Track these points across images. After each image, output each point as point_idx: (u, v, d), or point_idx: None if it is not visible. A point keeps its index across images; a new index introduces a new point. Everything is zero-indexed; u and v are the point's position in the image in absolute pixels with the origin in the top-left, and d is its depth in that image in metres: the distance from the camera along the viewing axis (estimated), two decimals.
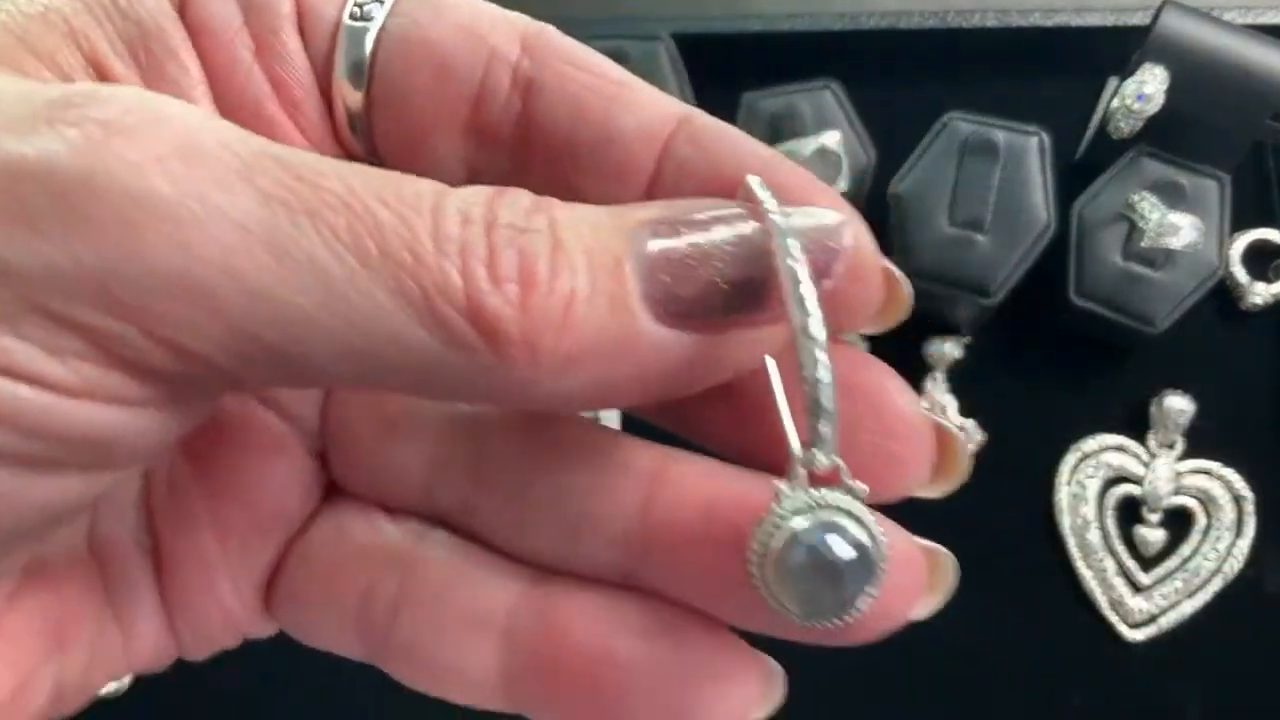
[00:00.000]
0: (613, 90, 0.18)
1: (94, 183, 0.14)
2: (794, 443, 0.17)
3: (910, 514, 0.53)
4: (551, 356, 0.15)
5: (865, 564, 0.16)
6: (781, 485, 0.17)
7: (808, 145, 0.45)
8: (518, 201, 0.16)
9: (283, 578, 0.21)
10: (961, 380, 0.51)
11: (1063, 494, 0.49)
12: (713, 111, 0.19)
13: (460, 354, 0.15)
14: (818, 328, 0.16)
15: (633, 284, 0.16)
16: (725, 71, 0.49)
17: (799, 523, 0.16)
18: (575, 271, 0.15)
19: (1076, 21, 0.51)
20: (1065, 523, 0.49)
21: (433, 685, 0.21)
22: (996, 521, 0.50)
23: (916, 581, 0.19)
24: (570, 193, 0.18)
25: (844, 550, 0.16)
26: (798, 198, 0.17)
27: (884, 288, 0.19)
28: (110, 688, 0.49)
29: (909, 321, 0.21)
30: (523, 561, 0.20)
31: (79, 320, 0.14)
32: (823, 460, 0.16)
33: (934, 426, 0.19)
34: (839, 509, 0.17)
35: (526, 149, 0.19)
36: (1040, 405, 0.50)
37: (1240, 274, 0.51)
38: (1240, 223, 0.50)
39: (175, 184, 0.14)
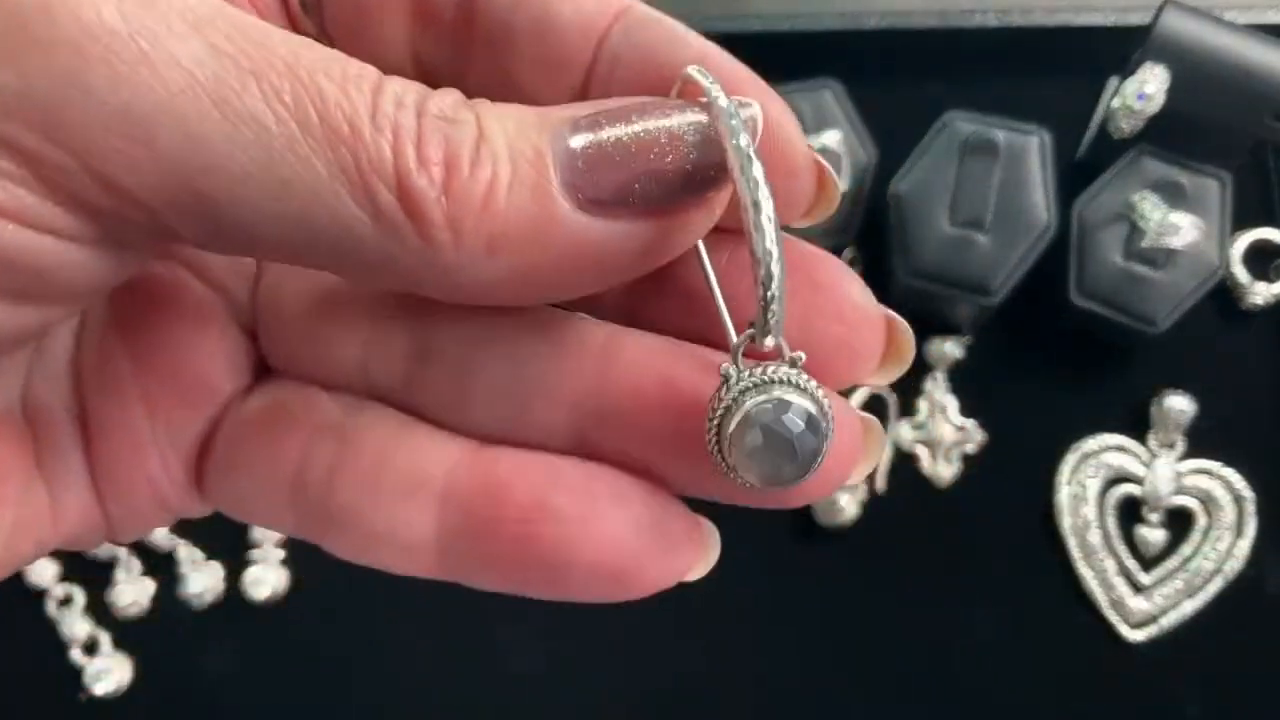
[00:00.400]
0: None
1: (51, 10, 0.15)
2: (729, 326, 0.18)
3: (909, 513, 0.53)
4: (473, 239, 0.16)
5: (815, 431, 0.17)
6: (728, 368, 0.17)
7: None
8: (448, 96, 0.17)
9: (213, 452, 0.21)
10: (962, 380, 0.51)
11: (1063, 494, 0.49)
12: None
13: (386, 231, 0.16)
14: (768, 205, 0.16)
15: (553, 172, 0.16)
16: None
17: (751, 404, 0.17)
18: (497, 160, 0.16)
19: (1077, 21, 0.51)
20: (1066, 523, 0.49)
21: (367, 554, 0.20)
22: (997, 521, 0.50)
23: (855, 445, 0.19)
24: (509, 82, 0.19)
25: (796, 424, 0.17)
26: (733, 89, 0.18)
27: (814, 178, 0.19)
28: (110, 687, 0.49)
29: (909, 321, 0.21)
30: (466, 434, 0.20)
31: (19, 143, 0.15)
32: (769, 342, 0.17)
33: (885, 316, 0.20)
34: (786, 383, 0.17)
35: (468, 35, 0.19)
36: (1041, 405, 0.50)
37: (1241, 274, 0.51)
38: (1241, 222, 0.50)
39: (129, 21, 0.15)
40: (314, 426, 0.20)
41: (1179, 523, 0.49)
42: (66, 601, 0.50)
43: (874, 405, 0.50)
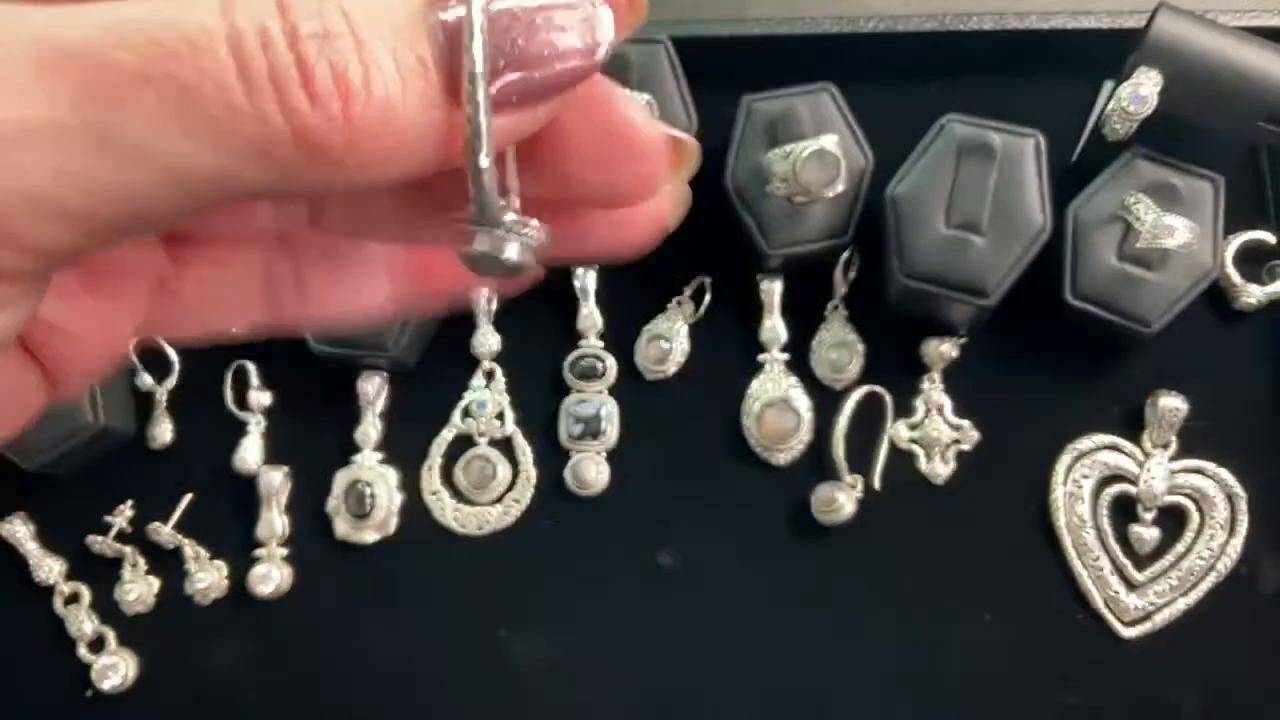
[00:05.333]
0: None
1: None
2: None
3: (906, 511, 0.53)
4: (375, 157, 0.16)
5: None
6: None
7: (806, 147, 0.46)
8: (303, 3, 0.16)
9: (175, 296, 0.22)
10: (958, 380, 0.51)
11: (1058, 493, 0.50)
12: (713, 114, 0.19)
13: (293, 174, 0.16)
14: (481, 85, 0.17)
15: (437, 78, 0.17)
16: (725, 74, 0.50)
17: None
18: (385, 76, 0.16)
19: (1072, 24, 0.52)
20: (1061, 521, 0.49)
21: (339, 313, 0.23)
22: (993, 520, 0.50)
23: (661, 166, 0.21)
24: None
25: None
26: None
27: (666, 159, 0.21)
28: (116, 683, 0.49)
29: (906, 322, 0.21)
30: None
31: None
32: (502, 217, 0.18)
33: (670, 140, 0.21)
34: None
35: None
36: (1036, 405, 0.51)
37: (1234, 275, 0.51)
38: (1234, 224, 0.50)
39: None
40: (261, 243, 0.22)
41: (1172, 521, 0.49)
42: (73, 599, 0.51)
43: (871, 405, 0.51)
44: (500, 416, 0.52)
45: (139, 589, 0.50)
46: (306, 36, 0.16)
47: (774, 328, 0.51)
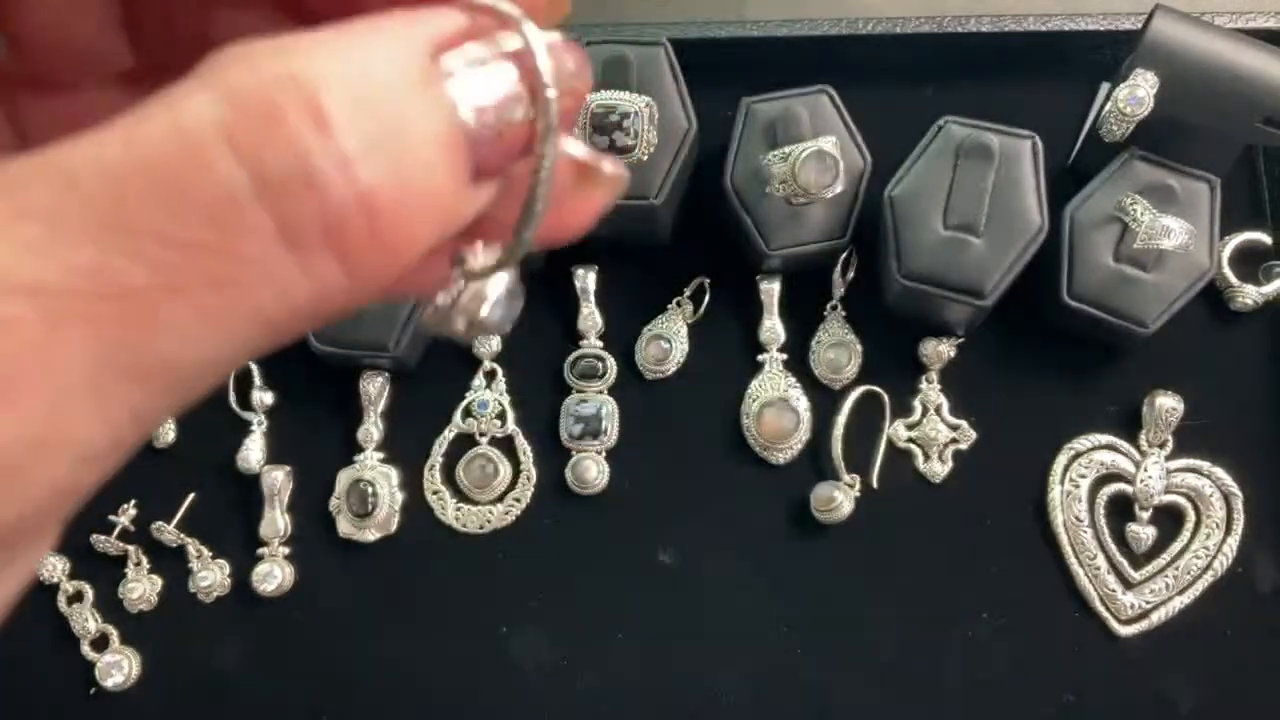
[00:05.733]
0: None
1: None
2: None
3: (904, 510, 0.53)
4: (408, 265, 0.15)
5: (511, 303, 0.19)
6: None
7: (805, 149, 0.46)
8: (341, 99, 0.14)
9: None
10: (955, 380, 0.51)
11: (1055, 492, 0.50)
12: (712, 115, 0.19)
13: (338, 311, 0.15)
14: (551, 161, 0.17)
15: (465, 170, 0.16)
16: (724, 76, 0.50)
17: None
18: (442, 194, 0.15)
19: (1069, 26, 0.52)
20: (1058, 520, 0.50)
21: None
22: (990, 519, 0.50)
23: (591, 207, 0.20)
24: None
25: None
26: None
27: None
28: (119, 681, 0.49)
29: (904, 322, 0.21)
30: None
31: None
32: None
33: (606, 189, 0.20)
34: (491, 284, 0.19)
35: None
36: (1033, 405, 0.51)
37: (1230, 275, 0.51)
38: (1231, 225, 0.51)
39: (8, 419, 0.13)
40: None
41: (1169, 520, 0.50)
42: (77, 597, 0.51)
43: (869, 405, 0.51)
44: (501, 416, 0.52)
45: (142, 587, 0.50)
46: (361, 158, 0.14)
47: (773, 328, 0.52)
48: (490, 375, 0.53)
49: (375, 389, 0.52)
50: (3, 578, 0.15)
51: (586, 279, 0.52)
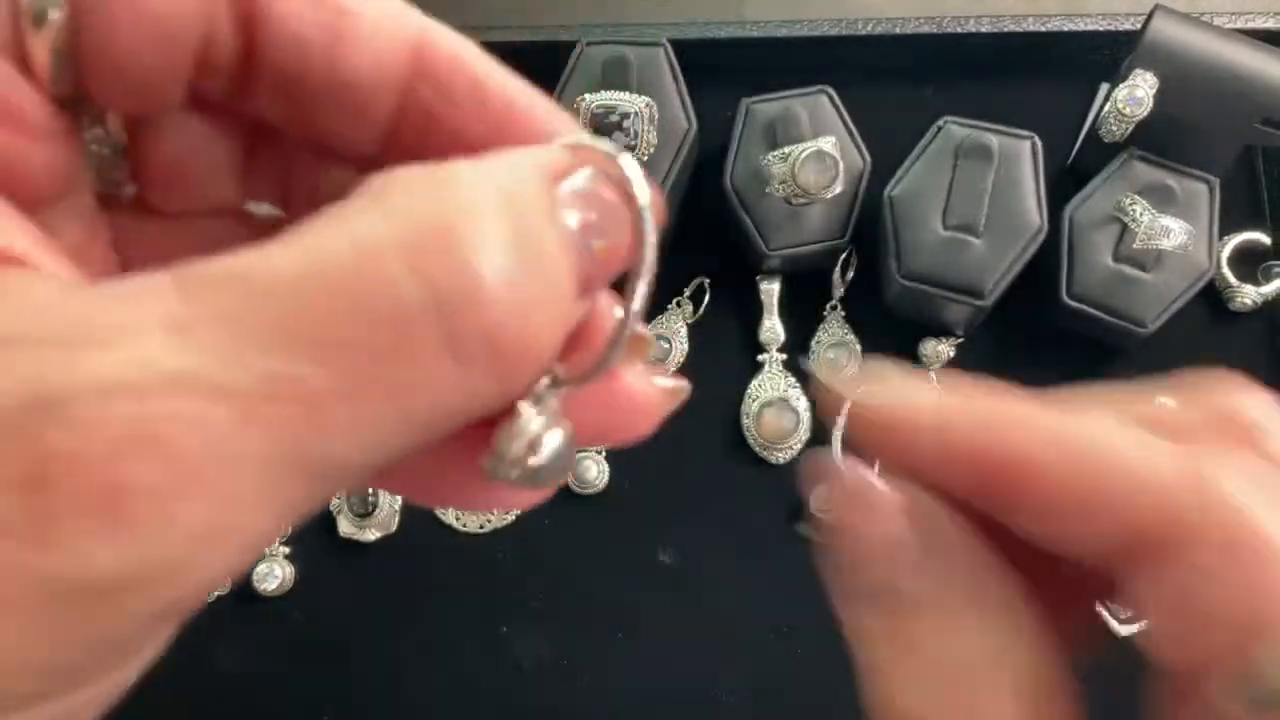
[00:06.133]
0: (335, 22, 0.18)
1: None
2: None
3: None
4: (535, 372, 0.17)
5: (571, 451, 0.19)
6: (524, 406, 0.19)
7: (804, 149, 0.46)
8: (494, 242, 0.16)
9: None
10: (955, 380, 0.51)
11: None
12: (712, 115, 0.19)
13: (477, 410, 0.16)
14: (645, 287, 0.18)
15: (577, 284, 0.17)
16: (724, 77, 0.50)
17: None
18: (564, 301, 0.16)
19: (1069, 27, 0.52)
20: None
21: None
22: None
23: (655, 419, 0.22)
24: (302, 120, 0.19)
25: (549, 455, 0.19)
26: (550, 128, 0.19)
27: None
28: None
29: (904, 322, 0.22)
30: None
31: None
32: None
33: (664, 396, 0.22)
34: (555, 415, 0.19)
35: (254, 83, 0.18)
36: None
37: (1229, 275, 0.51)
38: (1230, 225, 0.51)
39: (191, 510, 0.14)
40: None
41: None
42: None
43: None
44: None
45: None
46: (511, 281, 0.15)
47: (773, 328, 0.52)
48: None
49: None
50: (141, 653, 0.16)
51: None
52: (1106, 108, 0.48)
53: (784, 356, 0.52)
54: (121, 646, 0.15)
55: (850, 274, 0.52)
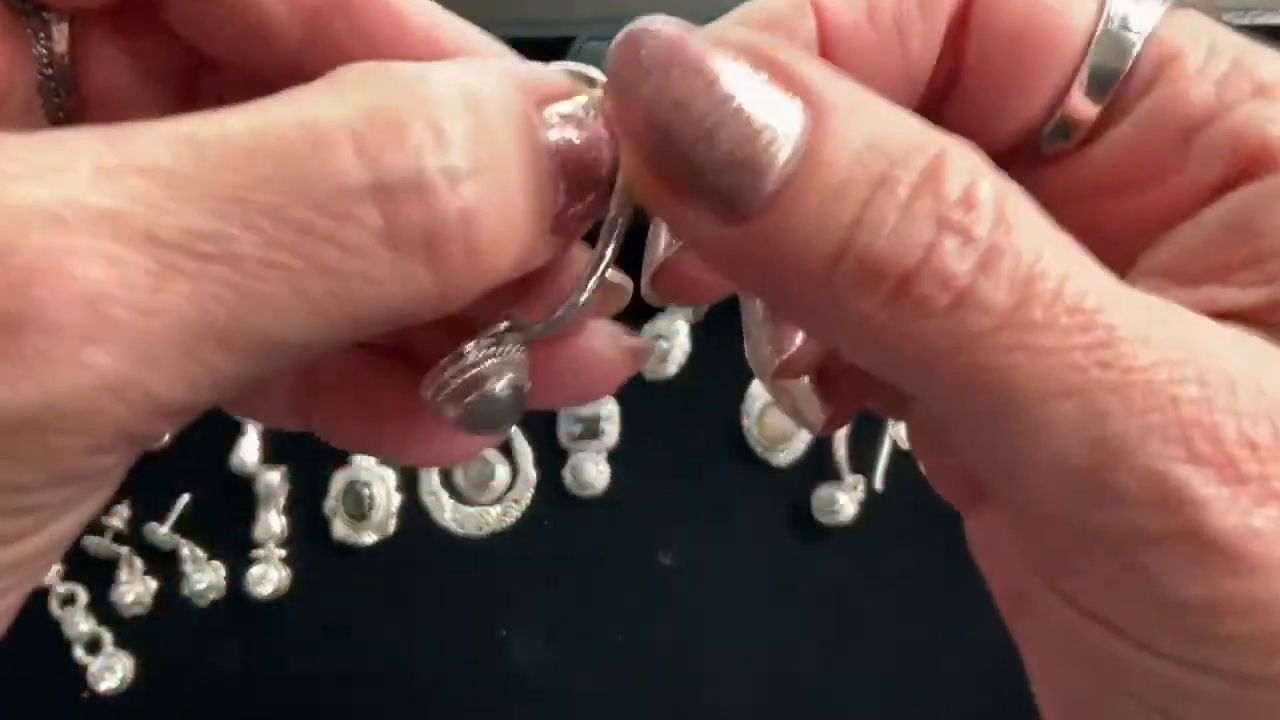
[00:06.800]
0: None
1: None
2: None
3: (907, 511, 0.53)
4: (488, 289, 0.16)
5: (516, 408, 0.19)
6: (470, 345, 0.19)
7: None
8: (460, 128, 0.15)
9: None
10: None
11: None
12: None
13: (424, 317, 0.16)
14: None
15: (551, 214, 0.17)
16: None
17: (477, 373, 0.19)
18: (523, 231, 0.16)
19: None
20: None
21: None
22: None
23: (619, 379, 0.22)
24: (212, 39, 0.19)
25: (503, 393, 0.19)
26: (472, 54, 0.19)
27: None
28: (113, 685, 0.49)
29: None
30: None
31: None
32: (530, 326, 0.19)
33: (628, 356, 0.22)
34: (508, 361, 0.19)
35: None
36: None
37: None
38: None
39: (98, 354, 0.14)
40: None
41: None
42: (69, 600, 0.50)
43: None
44: None
45: (136, 590, 0.50)
46: (466, 174, 0.15)
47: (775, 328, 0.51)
48: None
49: None
50: (64, 516, 0.16)
51: None
52: None
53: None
54: (47, 488, 0.15)
55: None
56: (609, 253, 0.18)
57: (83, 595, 0.50)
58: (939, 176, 0.15)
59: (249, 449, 0.51)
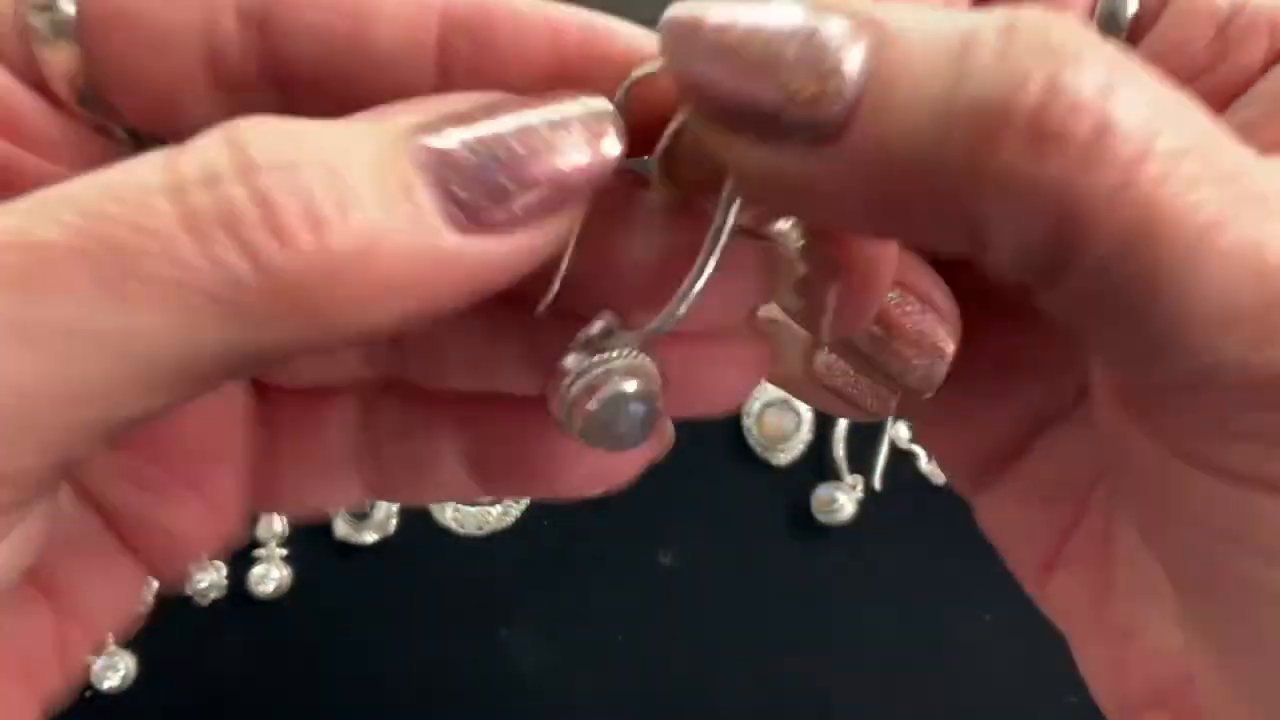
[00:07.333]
0: (352, 3, 0.17)
1: None
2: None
3: (906, 511, 0.53)
4: (365, 294, 0.15)
5: (649, 414, 0.18)
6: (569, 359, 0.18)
7: None
8: (265, 132, 0.14)
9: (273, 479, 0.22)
10: None
11: None
12: None
13: (268, 329, 0.14)
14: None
15: (428, 200, 0.15)
16: None
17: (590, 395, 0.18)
18: (364, 201, 0.14)
19: None
20: None
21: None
22: None
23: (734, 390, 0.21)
24: (345, 111, 0.17)
25: (634, 412, 0.18)
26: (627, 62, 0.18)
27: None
28: (115, 683, 0.49)
29: None
30: None
31: None
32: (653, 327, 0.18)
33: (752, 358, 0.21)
34: (625, 365, 0.18)
35: (290, 85, 0.17)
36: None
37: None
38: None
39: None
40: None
41: None
42: None
43: None
44: None
45: None
46: (266, 168, 0.14)
47: None
48: None
49: None
50: None
51: None
52: None
53: None
54: None
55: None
56: (712, 261, 0.17)
57: None
58: (1018, 25, 0.14)
59: None
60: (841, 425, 0.50)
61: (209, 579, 0.50)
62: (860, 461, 0.50)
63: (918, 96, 0.14)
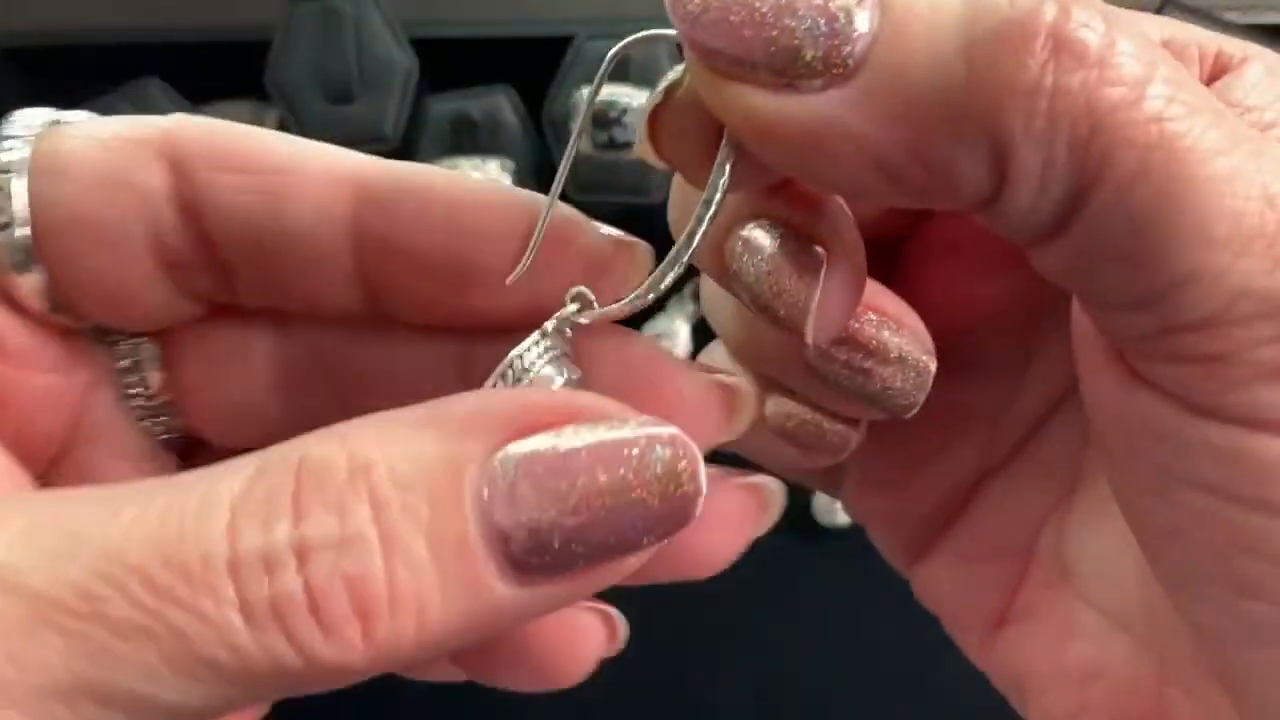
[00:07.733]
0: (270, 185, 0.18)
1: None
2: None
3: None
4: (397, 660, 0.15)
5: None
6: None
7: None
8: (324, 490, 0.15)
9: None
10: None
11: None
12: None
13: (300, 688, 0.15)
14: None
15: (483, 557, 0.15)
16: None
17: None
18: (418, 567, 0.14)
19: None
20: None
21: None
22: None
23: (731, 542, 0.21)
24: (281, 289, 0.19)
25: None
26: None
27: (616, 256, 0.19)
28: None
29: None
30: None
31: None
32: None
33: (717, 386, 0.20)
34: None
35: (223, 261, 0.19)
36: None
37: None
38: None
39: None
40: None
41: None
42: None
43: None
44: None
45: None
46: (319, 547, 0.14)
47: None
48: None
49: None
50: None
51: None
52: None
53: None
54: None
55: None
56: (701, 229, 0.17)
57: None
58: None
59: None
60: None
61: None
62: None
63: (936, 21, 0.14)
